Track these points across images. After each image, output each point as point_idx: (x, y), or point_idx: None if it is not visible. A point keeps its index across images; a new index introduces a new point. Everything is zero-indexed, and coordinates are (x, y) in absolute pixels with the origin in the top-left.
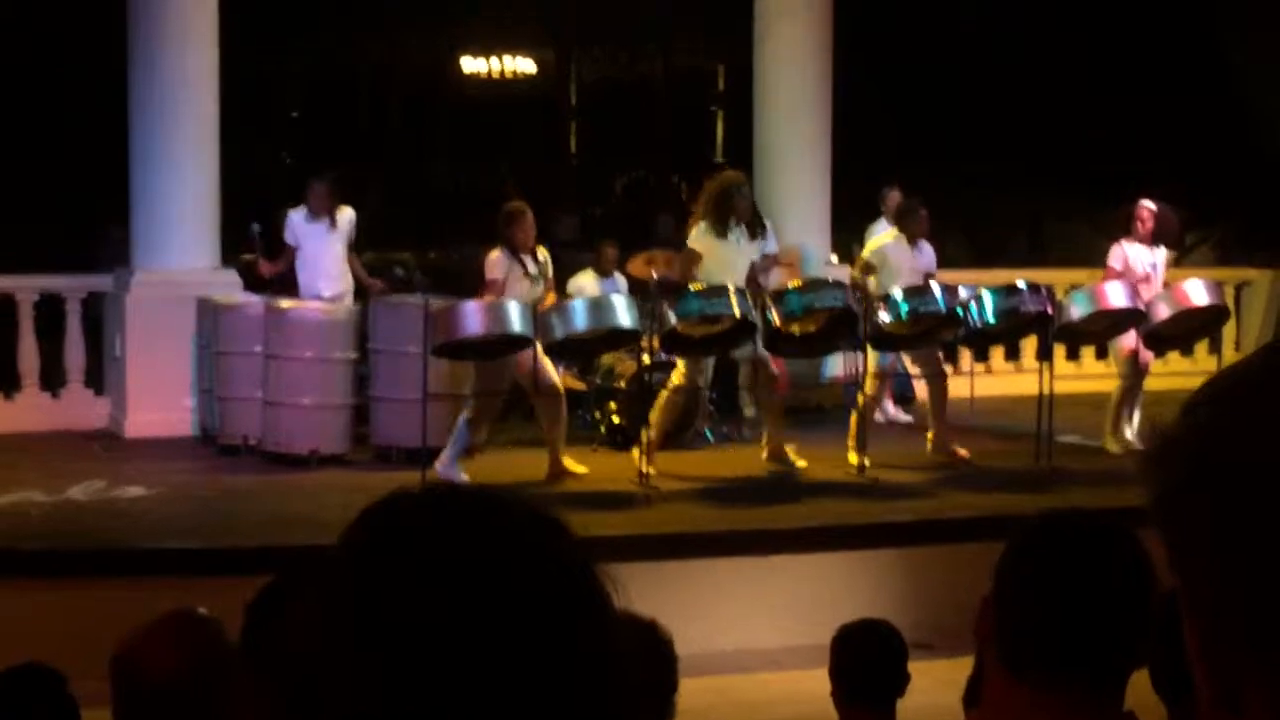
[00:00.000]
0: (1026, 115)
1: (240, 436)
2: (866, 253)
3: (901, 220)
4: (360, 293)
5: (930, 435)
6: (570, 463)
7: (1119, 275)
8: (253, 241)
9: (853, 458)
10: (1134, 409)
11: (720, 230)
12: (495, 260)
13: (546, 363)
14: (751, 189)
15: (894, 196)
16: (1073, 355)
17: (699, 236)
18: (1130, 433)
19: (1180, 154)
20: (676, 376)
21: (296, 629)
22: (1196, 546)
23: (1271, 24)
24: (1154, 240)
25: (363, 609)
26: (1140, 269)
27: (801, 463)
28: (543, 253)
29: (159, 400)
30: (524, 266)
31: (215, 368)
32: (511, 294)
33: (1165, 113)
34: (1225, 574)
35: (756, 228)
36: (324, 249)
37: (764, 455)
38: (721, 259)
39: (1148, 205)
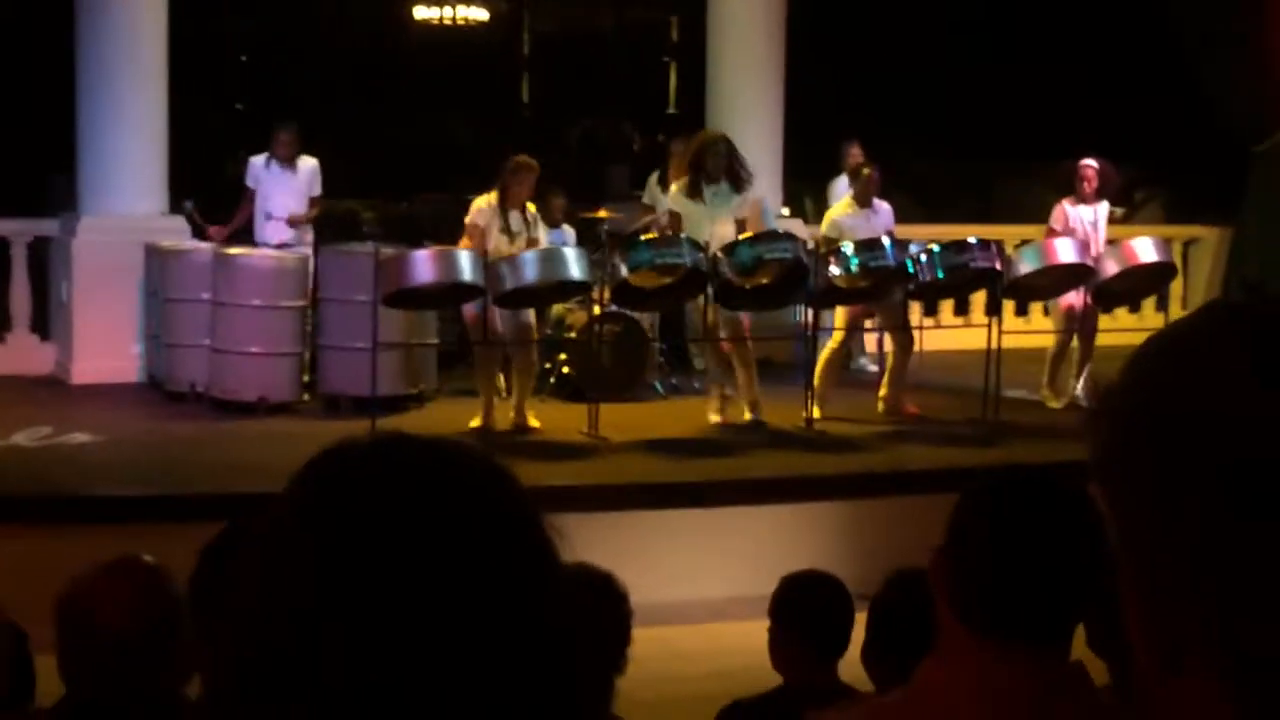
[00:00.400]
0: (978, 73)
1: (188, 383)
2: (824, 228)
3: (852, 185)
4: (315, 240)
5: (883, 392)
6: (531, 417)
7: (1060, 236)
8: (190, 218)
9: (816, 411)
10: (1084, 363)
11: (693, 190)
12: (479, 208)
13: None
14: (729, 145)
15: (854, 153)
16: (1021, 311)
17: (675, 196)
18: (1078, 387)
19: (1130, 112)
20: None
21: (250, 596)
22: (1139, 499)
23: None
24: (1096, 197)
25: (321, 574)
26: (1081, 229)
27: (746, 416)
28: (532, 210)
29: (105, 346)
30: (506, 220)
31: (163, 314)
32: (488, 244)
33: (1116, 72)
34: (1168, 524)
35: (738, 183)
36: (280, 196)
37: (746, 414)
38: (695, 218)
39: (1091, 164)
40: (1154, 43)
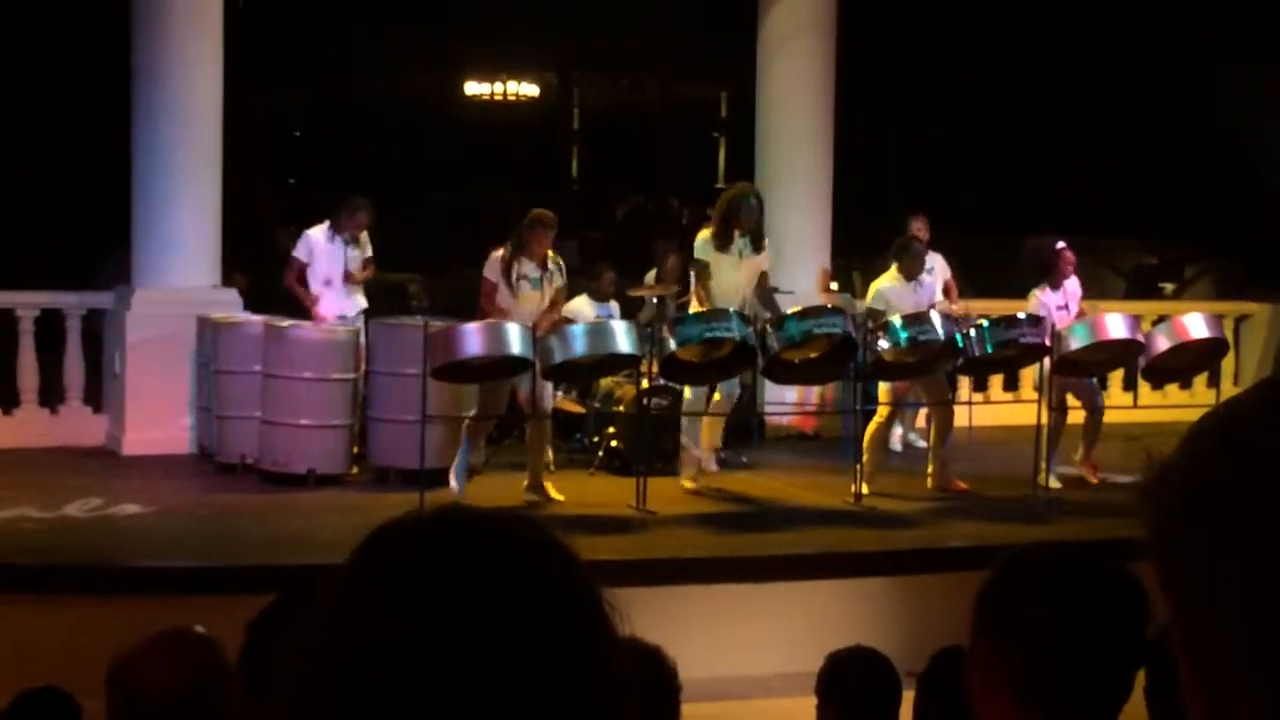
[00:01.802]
0: (1030, 149)
1: (238, 455)
2: (869, 298)
3: (898, 258)
4: (366, 311)
5: (930, 469)
6: (550, 488)
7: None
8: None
9: (865, 487)
10: (1091, 442)
11: (722, 242)
12: (493, 261)
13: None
14: (760, 201)
15: (918, 226)
16: None
17: (703, 247)
18: (1072, 465)
19: (1183, 188)
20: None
21: (301, 660)
22: (1192, 576)
23: (1268, 61)
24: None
25: (382, 649)
26: (1055, 312)
27: (688, 484)
28: (554, 262)
29: (157, 418)
30: (525, 272)
31: (214, 386)
32: (507, 298)
33: (1168, 149)
34: (1225, 599)
35: (755, 242)
36: (336, 267)
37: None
38: (723, 270)
39: (1067, 248)
40: (1208, 119)
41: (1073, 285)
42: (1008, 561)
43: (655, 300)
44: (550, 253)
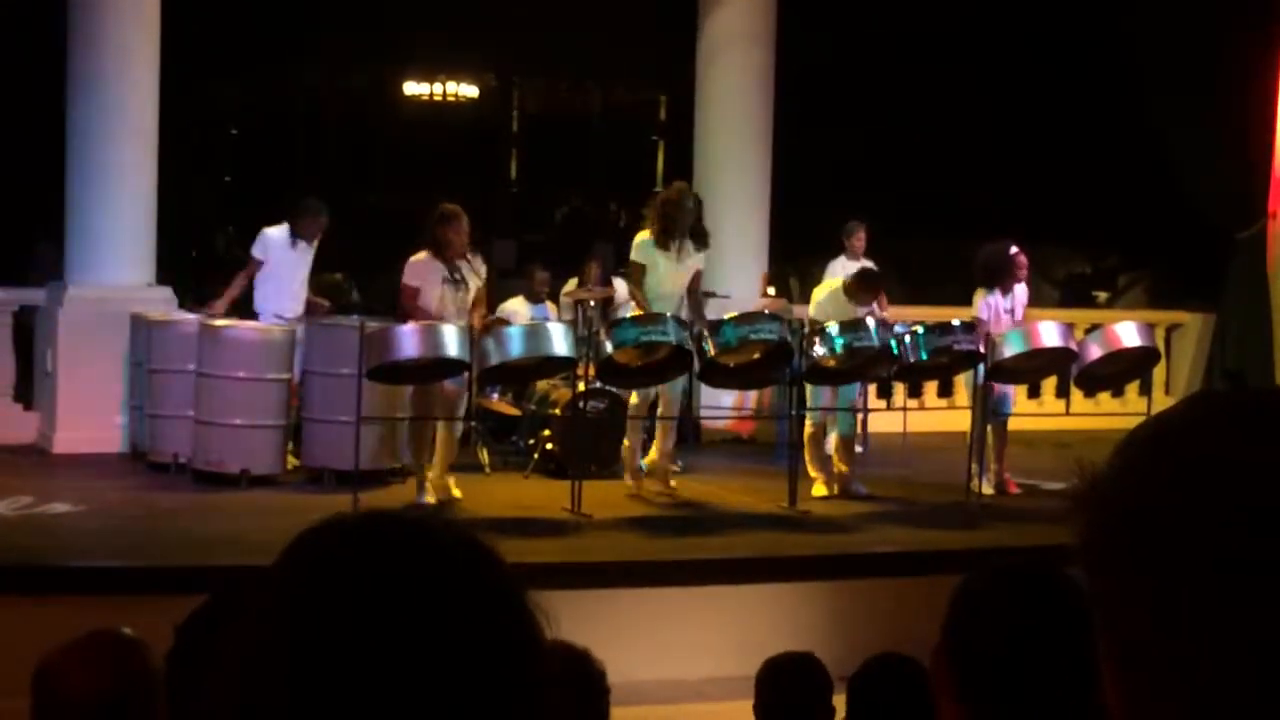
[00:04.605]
0: (965, 157)
1: (171, 455)
2: (812, 311)
3: (852, 288)
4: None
5: (837, 471)
6: (453, 485)
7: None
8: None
9: (819, 489)
10: (998, 451)
11: (662, 242)
12: (415, 265)
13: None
14: (698, 201)
15: (860, 236)
16: None
17: (642, 248)
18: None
19: (1115, 197)
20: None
21: (229, 664)
22: (1124, 583)
23: (1194, 84)
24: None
25: (297, 645)
26: (1003, 316)
27: (673, 484)
28: (477, 260)
29: (89, 416)
30: (450, 271)
31: (147, 385)
32: (432, 299)
33: (1101, 159)
34: (1153, 608)
35: (699, 241)
36: (296, 271)
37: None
38: (660, 270)
39: (1020, 252)
40: (1138, 131)
41: (1021, 291)
42: (970, 580)
43: (576, 303)
44: (472, 256)
